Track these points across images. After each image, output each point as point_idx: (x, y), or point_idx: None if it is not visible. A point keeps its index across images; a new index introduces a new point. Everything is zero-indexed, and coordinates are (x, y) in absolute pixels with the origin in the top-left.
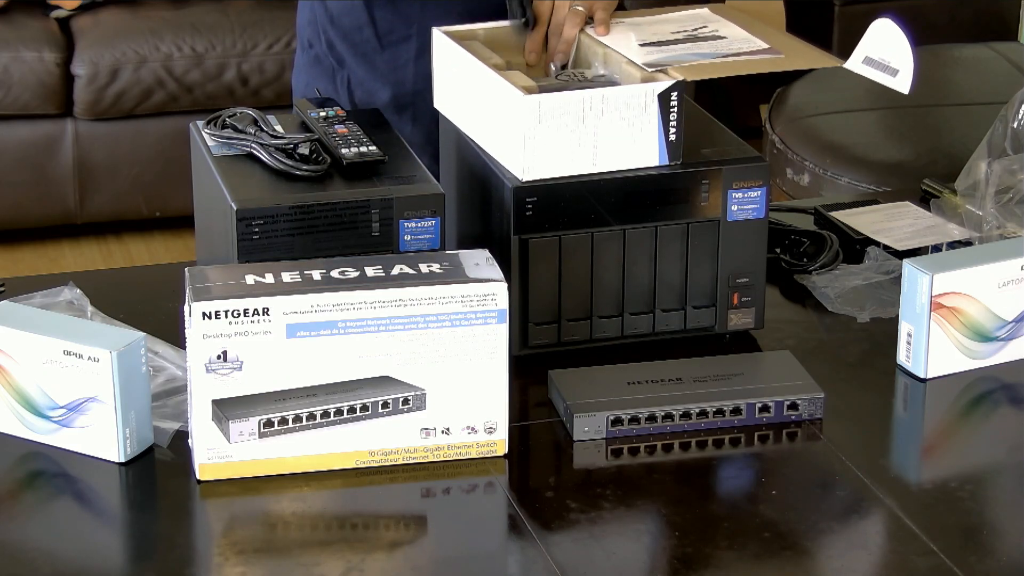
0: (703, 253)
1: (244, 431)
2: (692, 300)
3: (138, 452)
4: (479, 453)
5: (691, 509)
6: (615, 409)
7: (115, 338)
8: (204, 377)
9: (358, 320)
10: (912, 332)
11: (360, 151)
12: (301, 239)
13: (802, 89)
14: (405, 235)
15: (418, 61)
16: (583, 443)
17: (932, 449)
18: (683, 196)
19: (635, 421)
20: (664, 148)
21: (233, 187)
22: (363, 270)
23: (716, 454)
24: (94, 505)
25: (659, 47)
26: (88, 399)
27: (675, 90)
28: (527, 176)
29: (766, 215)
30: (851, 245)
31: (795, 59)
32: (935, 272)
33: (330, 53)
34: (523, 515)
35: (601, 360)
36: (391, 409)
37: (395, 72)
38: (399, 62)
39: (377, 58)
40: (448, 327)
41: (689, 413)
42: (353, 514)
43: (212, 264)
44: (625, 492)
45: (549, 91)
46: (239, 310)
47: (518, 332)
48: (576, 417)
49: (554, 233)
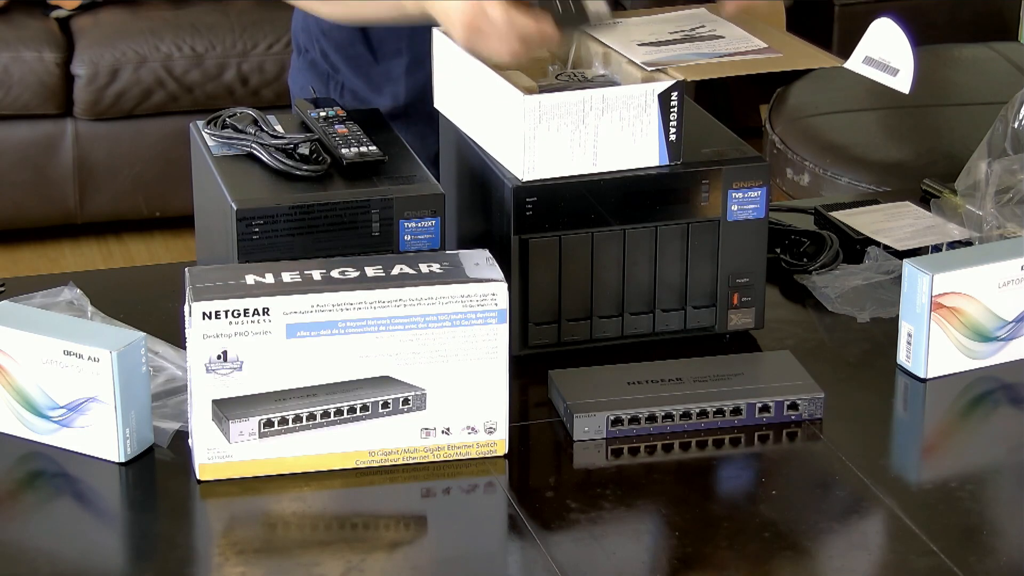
0: (703, 253)
1: (244, 431)
2: (692, 300)
3: (138, 452)
4: (479, 453)
5: (691, 509)
6: (615, 409)
7: (115, 338)
8: (204, 377)
9: (358, 320)
10: (912, 332)
11: (360, 151)
12: (301, 239)
13: (802, 89)
14: (405, 235)
15: (411, 74)
16: (583, 443)
17: (932, 449)
18: (683, 196)
19: (635, 421)
20: (664, 148)
21: (233, 187)
22: (363, 270)
23: (716, 454)
24: (94, 505)
25: (658, 47)
26: (88, 399)
27: (675, 90)
28: (527, 176)
29: (766, 215)
30: (851, 245)
31: (794, 59)
32: (935, 272)
33: (324, 60)
34: (523, 515)
35: (601, 360)
36: (391, 409)
37: (389, 84)
38: (392, 75)
39: (371, 70)
40: (448, 327)
41: (689, 413)
42: (353, 514)
43: (212, 264)
44: (625, 492)
45: (549, 91)
46: (239, 310)
47: (518, 332)
48: (576, 417)
49: (554, 233)
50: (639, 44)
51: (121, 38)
